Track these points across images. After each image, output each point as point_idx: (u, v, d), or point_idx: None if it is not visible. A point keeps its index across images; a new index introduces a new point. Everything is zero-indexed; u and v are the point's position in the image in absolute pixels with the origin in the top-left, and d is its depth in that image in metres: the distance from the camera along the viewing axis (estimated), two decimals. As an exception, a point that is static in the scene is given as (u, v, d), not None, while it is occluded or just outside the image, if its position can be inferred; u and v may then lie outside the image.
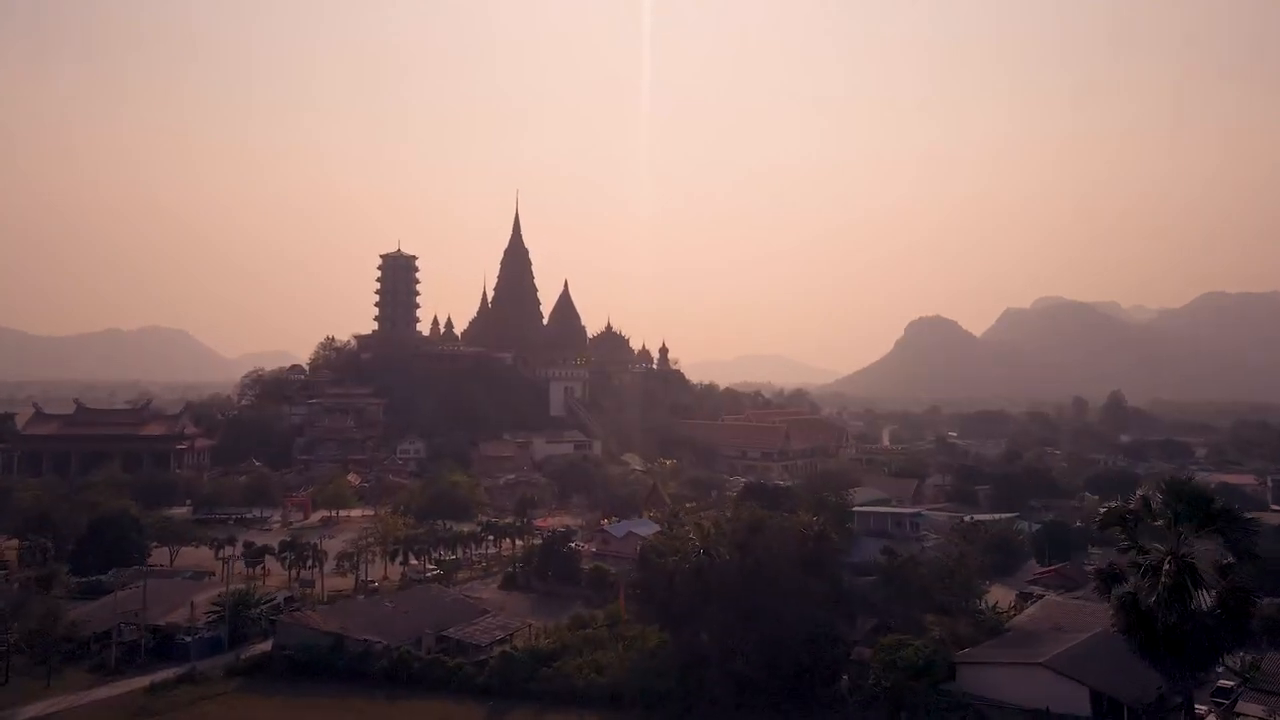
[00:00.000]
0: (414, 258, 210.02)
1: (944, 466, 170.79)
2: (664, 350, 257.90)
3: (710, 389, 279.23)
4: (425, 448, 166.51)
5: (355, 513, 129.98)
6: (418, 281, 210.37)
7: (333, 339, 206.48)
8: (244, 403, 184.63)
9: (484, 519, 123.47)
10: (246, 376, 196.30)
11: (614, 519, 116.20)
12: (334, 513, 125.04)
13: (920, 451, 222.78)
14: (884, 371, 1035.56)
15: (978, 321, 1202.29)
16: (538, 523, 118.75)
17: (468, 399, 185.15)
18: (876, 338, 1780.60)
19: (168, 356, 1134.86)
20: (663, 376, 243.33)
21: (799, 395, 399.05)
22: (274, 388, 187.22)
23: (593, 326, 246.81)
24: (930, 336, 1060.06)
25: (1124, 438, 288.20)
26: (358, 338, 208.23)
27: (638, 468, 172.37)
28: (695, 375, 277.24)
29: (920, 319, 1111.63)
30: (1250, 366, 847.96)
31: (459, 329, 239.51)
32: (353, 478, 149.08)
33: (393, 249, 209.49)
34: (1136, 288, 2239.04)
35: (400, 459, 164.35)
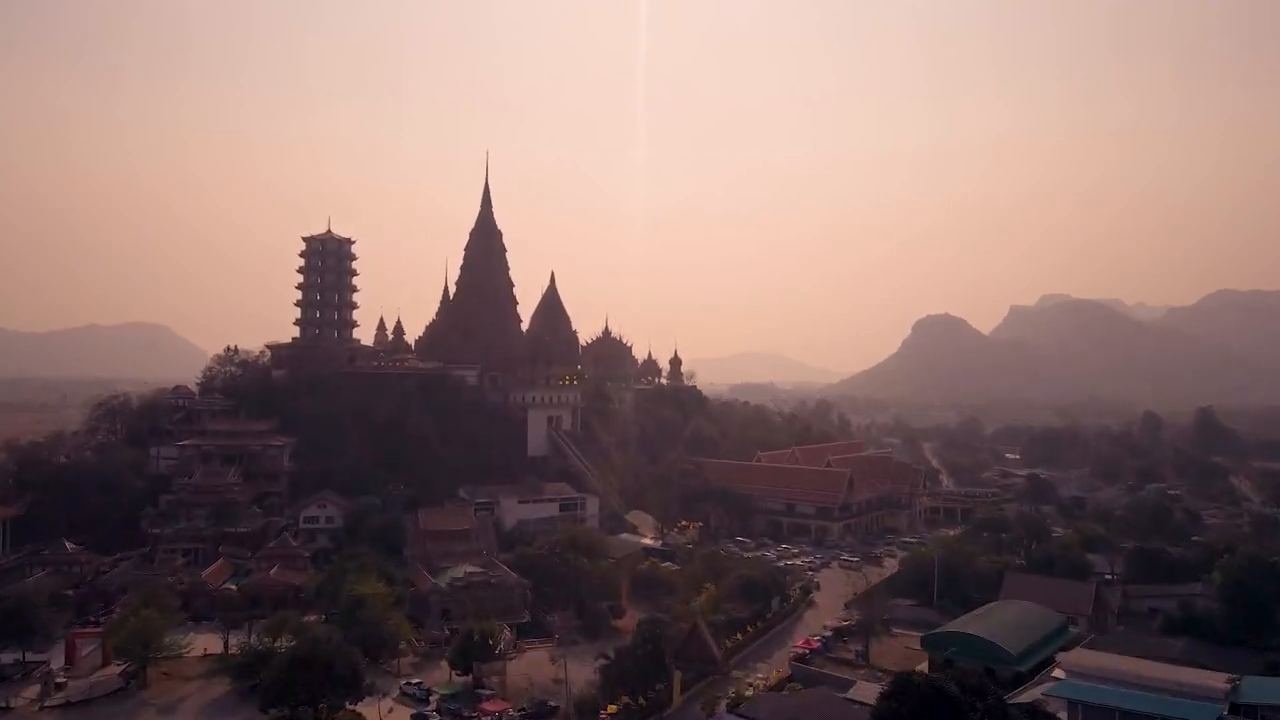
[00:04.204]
0: (349, 241, 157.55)
1: (1094, 537, 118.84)
2: (676, 361, 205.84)
3: (729, 406, 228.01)
4: (342, 514, 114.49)
5: (199, 652, 78.31)
6: (354, 274, 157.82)
7: (235, 349, 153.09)
8: (95, 441, 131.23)
9: (404, 682, 72.32)
10: (99, 405, 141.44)
11: (625, 701, 64.48)
12: (140, 666, 72.69)
13: (1008, 495, 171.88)
14: (891, 371, 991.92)
15: (984, 319, 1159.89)
16: (486, 705, 67.06)
17: (414, 435, 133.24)
18: (876, 336, 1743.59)
19: (148, 353, 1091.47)
20: (675, 395, 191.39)
21: (823, 406, 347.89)
22: (142, 419, 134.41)
23: (585, 332, 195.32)
24: (939, 335, 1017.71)
25: (1216, 459, 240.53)
26: (271, 348, 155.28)
27: (650, 541, 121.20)
28: (689, 369, 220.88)
29: (928, 317, 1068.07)
30: (1261, 366, 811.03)
31: (416, 335, 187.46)
32: (217, 571, 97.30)
33: (321, 229, 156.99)
34: (1140, 285, 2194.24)
35: (304, 531, 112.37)
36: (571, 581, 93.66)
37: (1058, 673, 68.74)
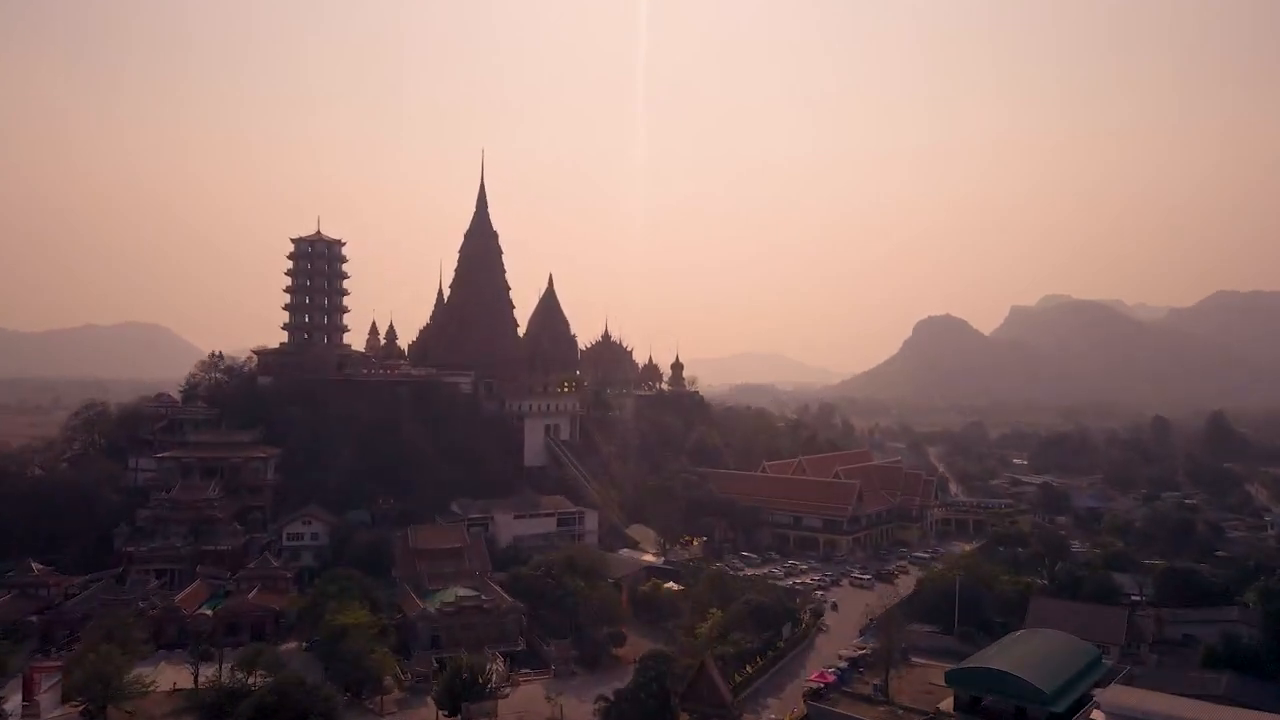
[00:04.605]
0: (339, 243, 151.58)
1: (1118, 554, 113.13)
2: (678, 365, 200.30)
3: (732, 412, 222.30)
4: (328, 530, 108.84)
5: (168, 686, 72.67)
6: (345, 276, 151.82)
7: (220, 355, 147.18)
8: (72, 452, 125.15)
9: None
10: (75, 415, 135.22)
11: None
12: (100, 706, 66.97)
13: (1021, 506, 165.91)
14: (893, 371, 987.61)
15: (985, 320, 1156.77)
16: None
17: (405, 446, 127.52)
18: (876, 336, 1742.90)
19: (147, 353, 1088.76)
20: (677, 401, 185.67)
21: (826, 409, 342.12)
22: (122, 428, 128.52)
23: (584, 334, 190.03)
24: (940, 336, 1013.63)
25: (1228, 466, 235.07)
26: (258, 353, 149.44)
27: (651, 558, 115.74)
28: (691, 374, 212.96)
29: (929, 318, 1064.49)
30: (1261, 366, 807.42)
31: (412, 339, 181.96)
32: (192, 594, 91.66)
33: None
34: (1140, 285, 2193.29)
35: (287, 549, 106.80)
36: (569, 606, 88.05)
37: (1096, 715, 63.28)
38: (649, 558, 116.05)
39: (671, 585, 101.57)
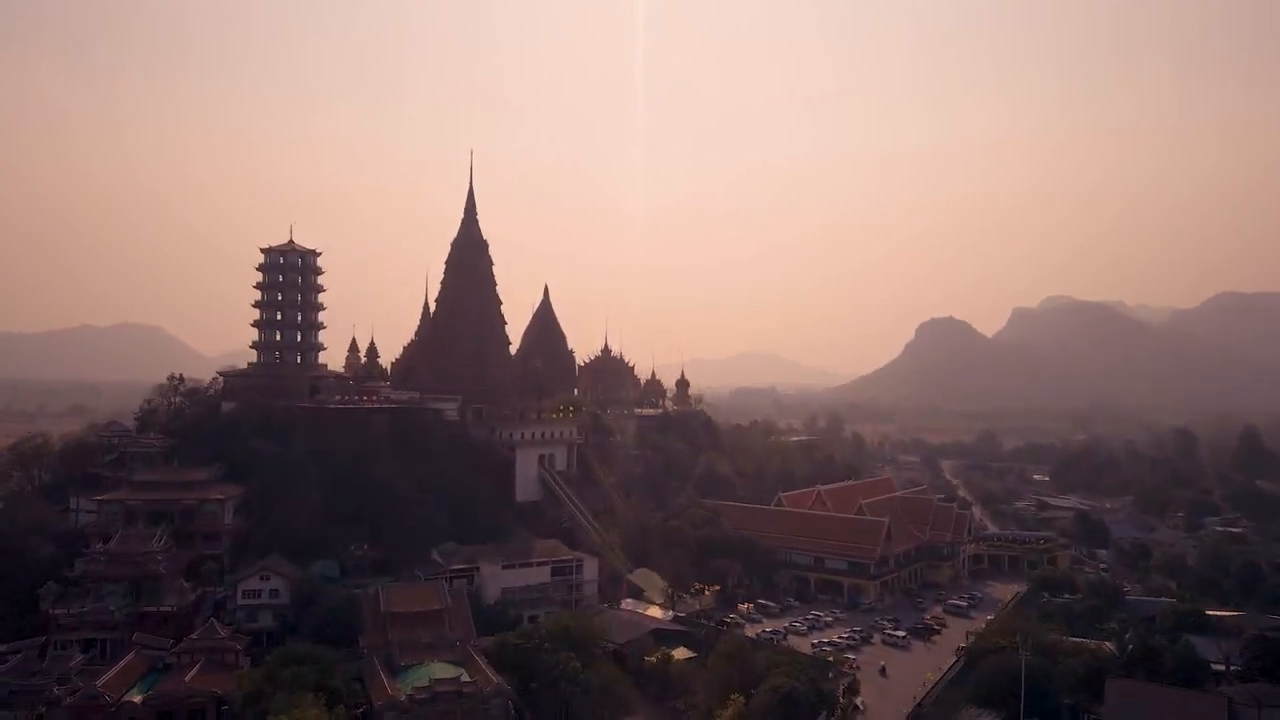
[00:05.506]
0: (314, 253, 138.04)
1: (1189, 613, 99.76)
2: (682, 383, 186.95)
3: (739, 431, 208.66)
4: (290, 586, 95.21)
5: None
6: (320, 289, 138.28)
7: (180, 378, 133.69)
8: (6, 490, 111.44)
9: None
10: (11, 449, 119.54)
11: None
12: None
13: (1060, 541, 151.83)
14: (896, 374, 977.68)
15: (987, 322, 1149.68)
16: None
17: (383, 483, 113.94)
18: (876, 336, 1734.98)
19: (143, 354, 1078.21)
20: (683, 423, 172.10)
21: (835, 422, 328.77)
22: (66, 462, 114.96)
23: (583, 340, 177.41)
24: (942, 338, 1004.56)
25: (1260, 483, 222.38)
26: (224, 375, 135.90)
27: (658, 613, 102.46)
28: (696, 390, 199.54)
29: (932, 320, 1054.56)
30: (1262, 367, 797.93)
31: (394, 357, 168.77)
32: (123, 672, 78.05)
33: (283, 240, 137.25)
34: (1141, 286, 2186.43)
35: (243, 609, 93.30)
36: (564, 690, 74.75)
37: None
38: (655, 611, 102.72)
39: (683, 652, 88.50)
